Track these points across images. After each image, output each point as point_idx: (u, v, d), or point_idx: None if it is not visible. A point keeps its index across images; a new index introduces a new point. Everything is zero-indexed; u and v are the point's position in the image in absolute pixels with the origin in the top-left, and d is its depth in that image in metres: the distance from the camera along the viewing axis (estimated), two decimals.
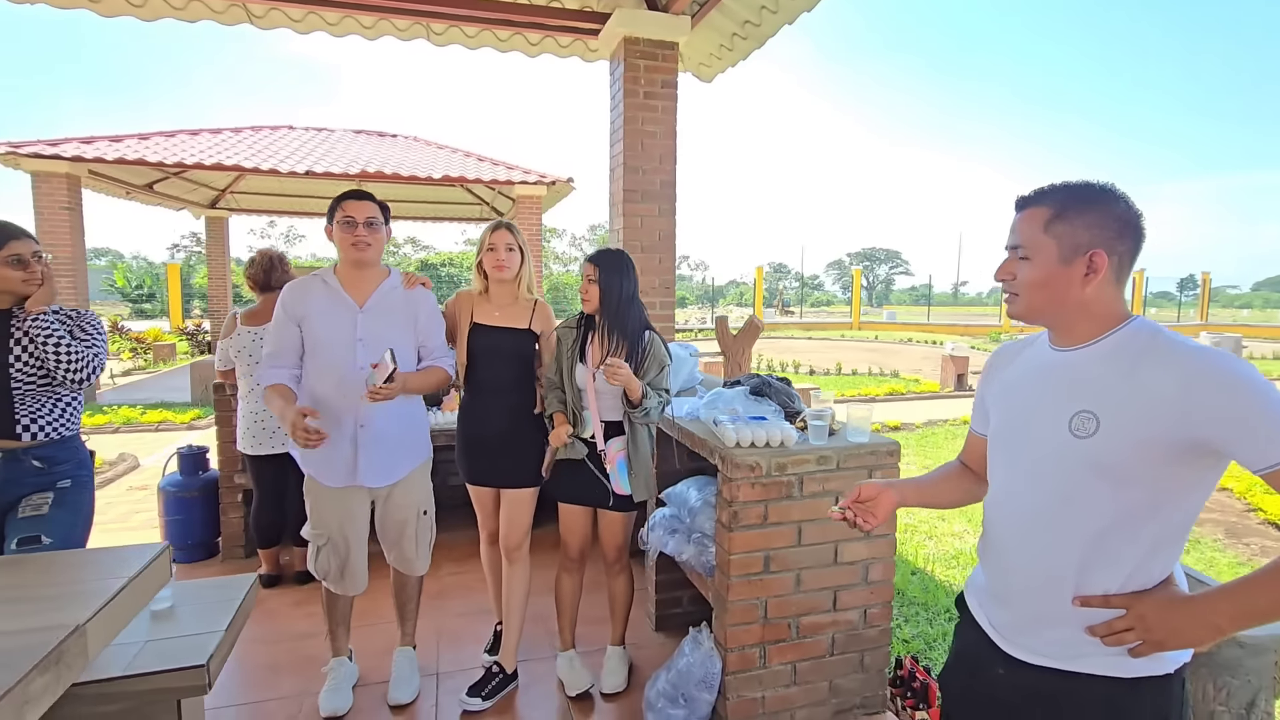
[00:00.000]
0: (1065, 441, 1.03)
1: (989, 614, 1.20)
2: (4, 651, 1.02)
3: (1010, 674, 1.14)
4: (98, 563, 1.36)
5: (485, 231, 2.32)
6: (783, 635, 2.11)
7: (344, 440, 2.12)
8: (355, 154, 9.29)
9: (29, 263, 1.87)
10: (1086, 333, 1.06)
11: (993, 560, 1.19)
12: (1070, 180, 1.07)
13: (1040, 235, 1.06)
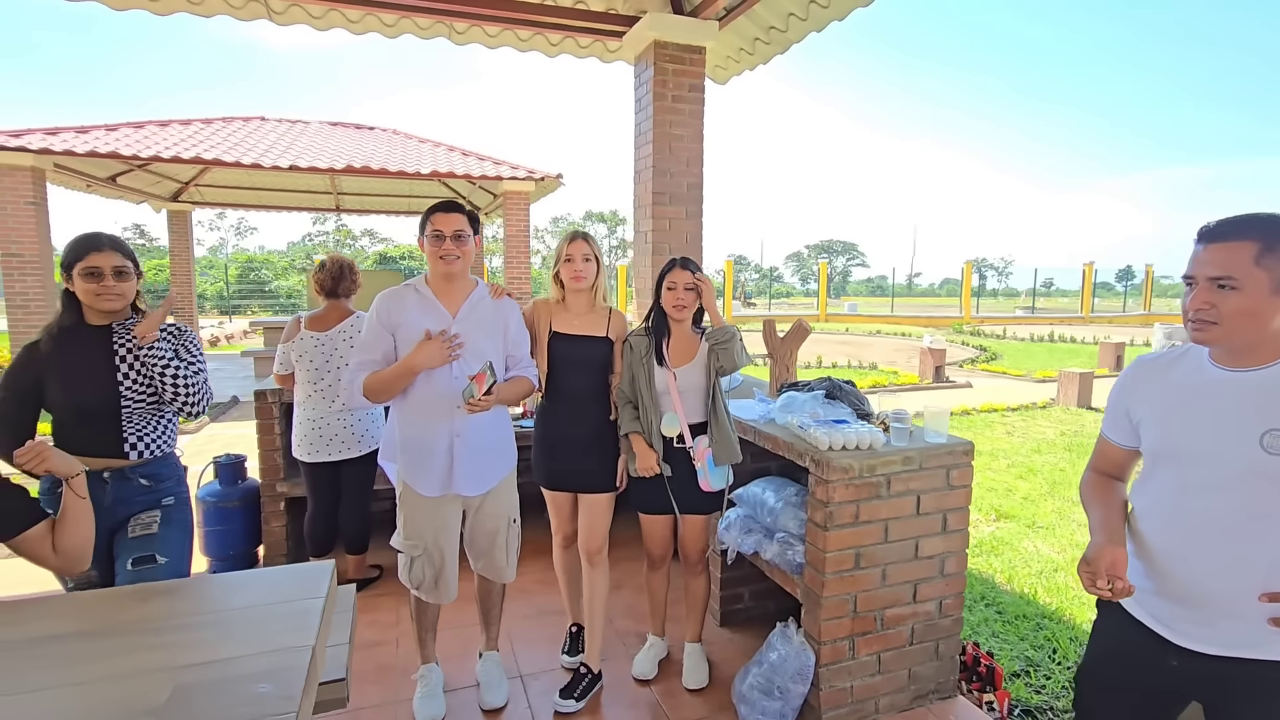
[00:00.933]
0: (1256, 458, 1.15)
1: (1155, 611, 1.31)
2: (270, 671, 1.04)
3: (1184, 664, 1.26)
4: (284, 584, 1.37)
5: (562, 242, 2.35)
6: (869, 628, 2.22)
7: (440, 450, 2.13)
8: (333, 147, 9.07)
9: (104, 276, 1.80)
10: (1267, 356, 1.18)
11: (1164, 564, 1.29)
12: (1259, 213, 1.17)
13: (1252, 268, 1.14)
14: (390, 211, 13.60)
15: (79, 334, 1.83)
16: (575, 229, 2.38)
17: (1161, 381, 1.34)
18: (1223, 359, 1.24)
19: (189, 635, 1.16)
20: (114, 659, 1.09)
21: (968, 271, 24.47)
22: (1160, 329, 12.41)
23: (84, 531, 1.50)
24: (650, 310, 2.39)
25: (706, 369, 2.29)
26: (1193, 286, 1.22)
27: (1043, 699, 2.51)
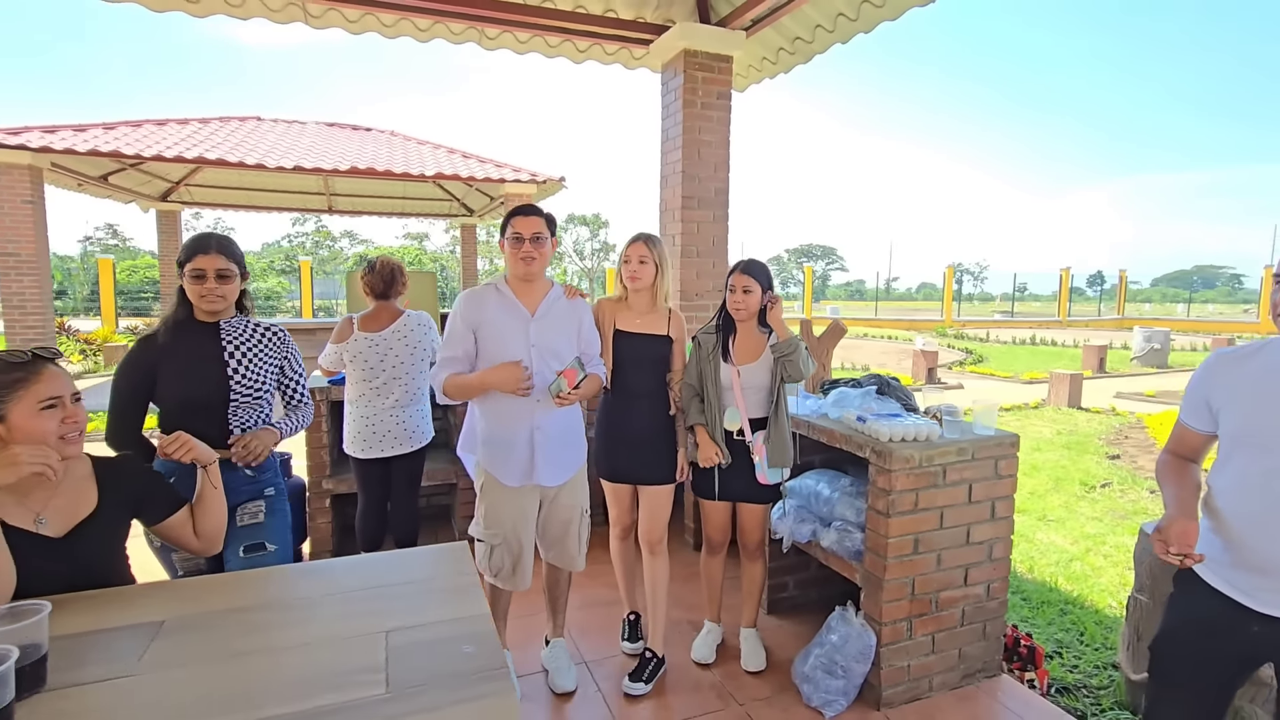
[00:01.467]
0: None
1: (1235, 582, 1.44)
2: (468, 635, 1.14)
3: (1265, 629, 1.40)
4: (434, 562, 1.46)
5: (623, 243, 2.46)
6: (925, 609, 2.35)
7: (521, 442, 2.22)
8: (330, 148, 9.05)
9: (207, 279, 1.86)
10: None
11: (1247, 538, 1.42)
12: None
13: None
14: (383, 213, 13.55)
15: (191, 329, 1.90)
16: (640, 232, 2.48)
17: (1241, 371, 1.47)
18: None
19: (380, 604, 1.25)
20: (327, 624, 1.17)
21: (949, 276, 24.99)
22: (1140, 331, 12.85)
23: (220, 515, 1.57)
24: (720, 310, 2.50)
25: (771, 370, 2.40)
26: None
27: (1077, 678, 2.66)
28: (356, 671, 1.04)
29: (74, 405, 1.36)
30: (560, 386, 2.09)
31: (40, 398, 1.30)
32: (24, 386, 1.30)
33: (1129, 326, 23.10)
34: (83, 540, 1.37)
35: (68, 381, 1.37)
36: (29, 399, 1.29)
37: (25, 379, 1.31)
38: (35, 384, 1.31)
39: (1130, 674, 2.45)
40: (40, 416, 1.30)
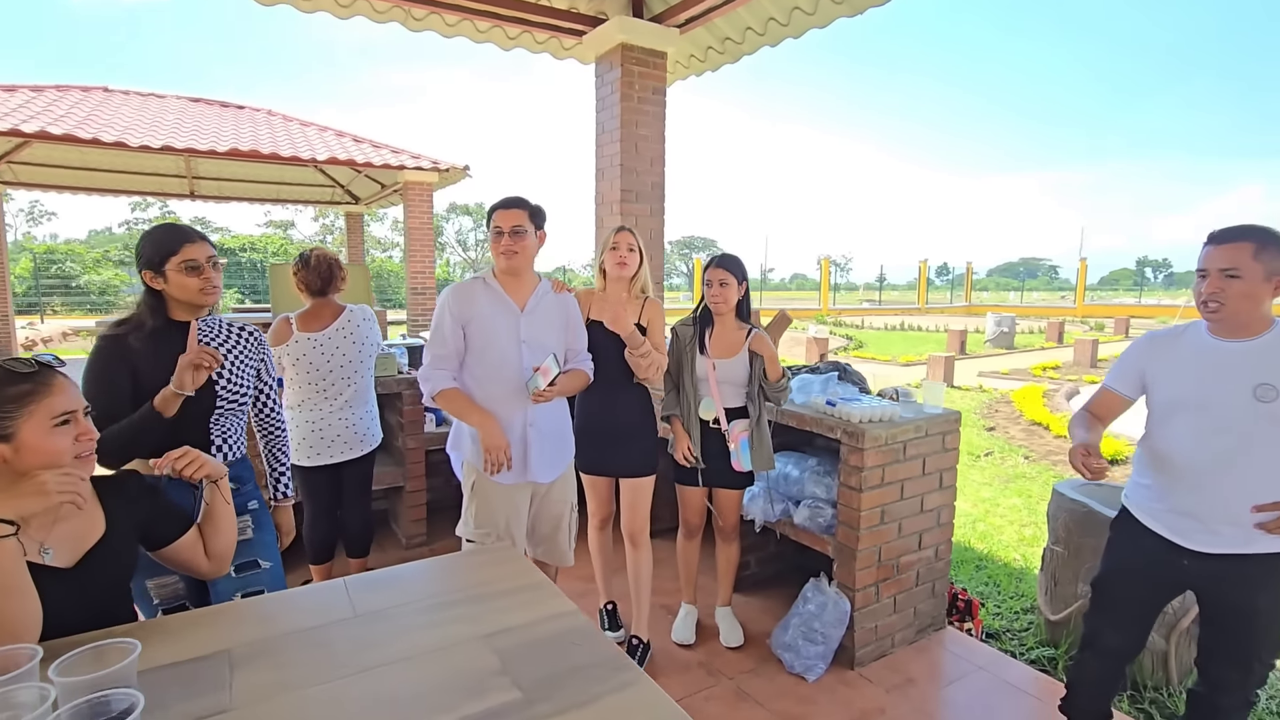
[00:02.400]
0: (1252, 406, 1.57)
1: (1170, 525, 1.73)
2: (571, 630, 1.15)
3: (1194, 564, 1.69)
4: (498, 564, 1.43)
5: (609, 233, 2.48)
6: (889, 574, 2.58)
7: (514, 439, 2.19)
8: (199, 127, 8.16)
9: (204, 268, 1.71)
10: (1254, 330, 1.61)
11: (1181, 488, 1.70)
12: (1253, 224, 1.59)
13: (1250, 262, 1.56)
14: (256, 199, 12.45)
15: (169, 332, 1.70)
16: (622, 225, 2.50)
17: (1173, 349, 1.76)
18: (1220, 333, 1.67)
19: (459, 611, 1.21)
20: (418, 636, 1.13)
21: (825, 266, 26.73)
22: (991, 317, 14.47)
23: (232, 533, 1.45)
24: (700, 302, 2.58)
25: (746, 365, 2.51)
26: (1205, 277, 1.63)
27: (1002, 624, 3.03)
28: (483, 677, 1.02)
29: (85, 420, 1.20)
30: (537, 383, 2.08)
31: (54, 413, 1.14)
32: (35, 400, 1.13)
33: (978, 313, 25.85)
34: (94, 569, 1.21)
35: (78, 393, 1.20)
36: (41, 414, 1.13)
37: (35, 391, 1.14)
38: (47, 397, 1.14)
39: (1049, 615, 2.82)
40: (54, 434, 1.14)
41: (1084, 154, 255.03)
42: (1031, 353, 13.19)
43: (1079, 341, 11.30)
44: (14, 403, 1.12)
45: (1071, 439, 1.87)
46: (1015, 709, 2.33)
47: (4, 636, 1.01)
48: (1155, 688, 2.46)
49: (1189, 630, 2.41)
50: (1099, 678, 1.95)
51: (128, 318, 1.71)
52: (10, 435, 1.11)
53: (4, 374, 1.14)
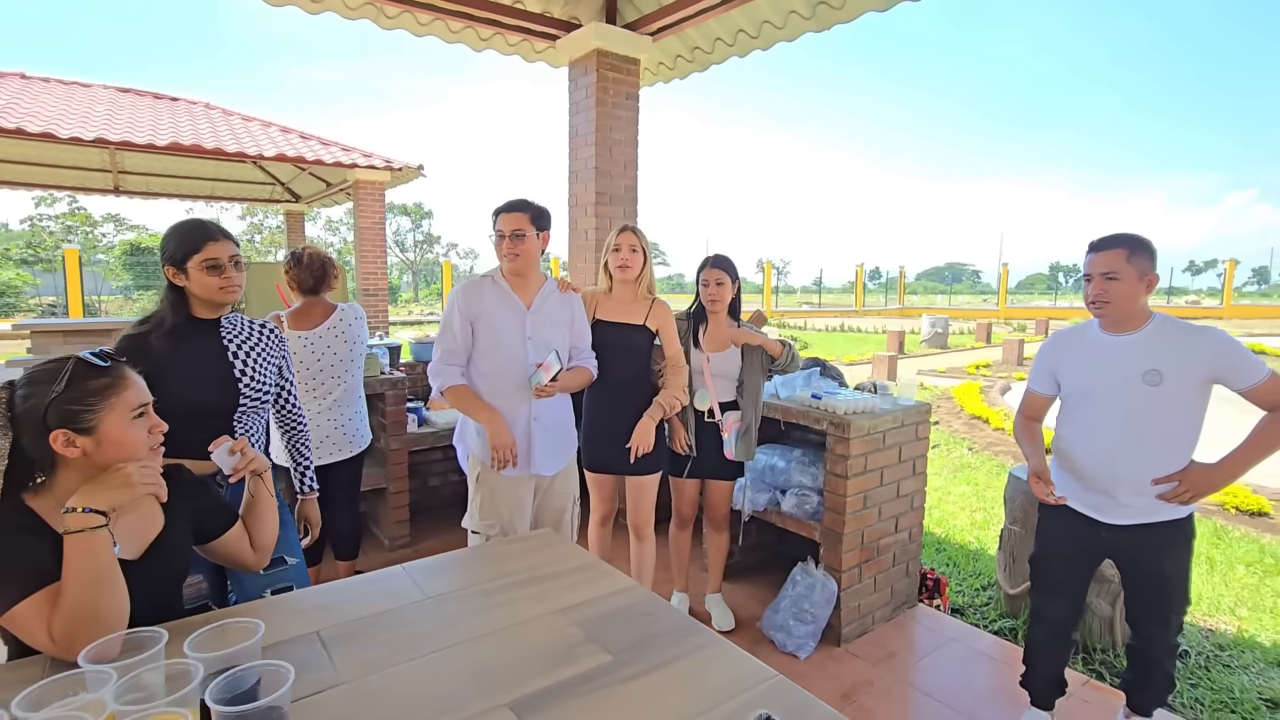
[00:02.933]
0: (1142, 390, 1.81)
1: (1087, 502, 1.96)
2: (639, 603, 1.24)
3: (1110, 535, 1.94)
4: (547, 547, 1.50)
5: (612, 234, 2.56)
6: (870, 556, 2.76)
7: (519, 432, 2.25)
8: (130, 119, 7.73)
9: (225, 267, 1.71)
10: (1135, 324, 1.85)
11: (1092, 469, 1.92)
12: (1125, 232, 1.83)
13: (1124, 265, 1.80)
14: (189, 196, 11.87)
15: (190, 329, 1.68)
16: (626, 224, 2.57)
17: (1074, 347, 1.99)
18: (1110, 329, 1.90)
19: (528, 590, 1.28)
20: (496, 614, 1.19)
21: (768, 270, 27.43)
22: (927, 318, 15.23)
23: (275, 525, 1.47)
24: (694, 300, 2.69)
25: (740, 361, 2.64)
26: (1090, 281, 1.86)
27: (965, 599, 3.27)
28: (571, 645, 1.09)
29: (154, 414, 1.21)
30: (539, 379, 2.16)
31: (132, 405, 1.14)
32: (115, 393, 1.13)
33: (910, 315, 27.05)
34: (156, 562, 1.22)
35: (145, 387, 1.21)
36: (121, 407, 1.13)
37: (114, 385, 1.14)
38: (125, 390, 1.15)
39: (1008, 590, 3.07)
40: (132, 427, 1.14)
41: (1000, 166, 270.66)
42: (964, 352, 13.96)
43: (1007, 341, 12.05)
44: (96, 396, 1.12)
45: (1023, 450, 2.12)
46: (986, 674, 2.54)
47: (99, 627, 1.02)
48: (1103, 650, 2.73)
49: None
50: (1050, 646, 2.17)
51: (149, 315, 1.70)
52: (93, 428, 1.11)
53: (84, 367, 1.14)
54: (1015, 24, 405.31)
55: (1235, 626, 3.01)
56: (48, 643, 1.02)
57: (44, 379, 1.13)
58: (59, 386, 1.12)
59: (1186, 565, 1.94)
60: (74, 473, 1.14)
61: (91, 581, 1.04)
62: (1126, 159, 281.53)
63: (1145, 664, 2.06)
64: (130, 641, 0.93)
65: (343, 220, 47.90)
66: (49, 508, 1.13)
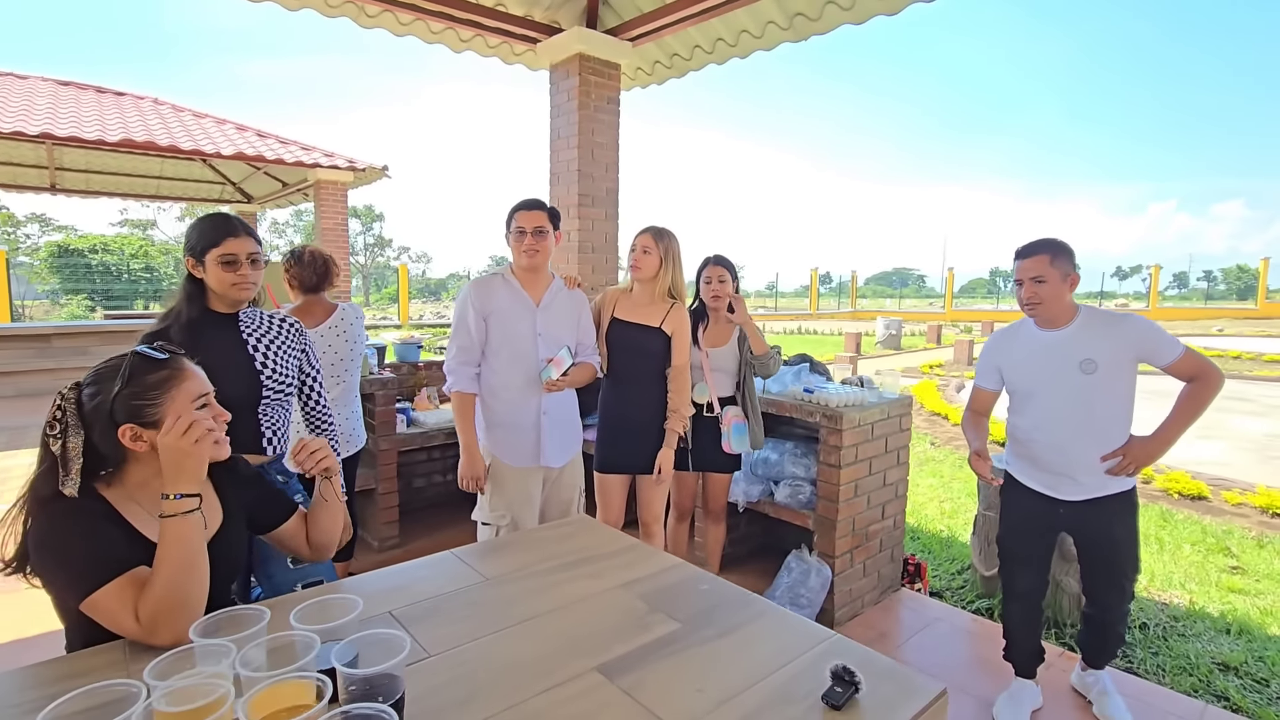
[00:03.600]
0: (1080, 379, 1.99)
1: (1044, 483, 2.14)
2: (695, 576, 1.31)
3: (1067, 510, 2.12)
4: (589, 531, 1.55)
5: (638, 234, 2.59)
6: (860, 542, 2.89)
7: (529, 424, 2.30)
8: (76, 113, 7.40)
9: (240, 264, 1.70)
10: (1065, 319, 2.04)
11: (1046, 453, 2.10)
12: (1046, 238, 2.03)
13: (1049, 268, 1.99)
14: (132, 195, 11.39)
15: (209, 323, 1.67)
16: (651, 225, 2.60)
17: (1014, 344, 2.17)
18: (1044, 325, 2.09)
19: (584, 569, 1.33)
20: (558, 591, 1.24)
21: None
22: (881, 321, 15.76)
23: (338, 524, 1.47)
24: (694, 297, 2.77)
25: (735, 355, 2.73)
26: (1021, 285, 2.04)
27: (942, 583, 3.44)
28: (640, 616, 1.15)
29: (217, 404, 1.22)
30: (550, 373, 2.22)
31: (192, 396, 1.15)
32: (175, 384, 1.14)
33: (862, 318, 27.84)
34: (219, 553, 1.22)
35: (205, 378, 1.21)
36: (182, 398, 1.14)
37: (173, 377, 1.15)
38: (185, 381, 1.15)
39: (984, 572, 3.24)
40: (196, 417, 1.15)
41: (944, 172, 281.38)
42: (917, 353, 14.49)
43: (959, 342, 12.57)
44: (156, 389, 1.13)
45: (966, 437, 2.30)
46: (971, 649, 2.70)
47: (186, 611, 1.03)
48: (1073, 625, 2.92)
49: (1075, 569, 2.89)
50: (1025, 618, 2.33)
51: (167, 310, 1.68)
52: (157, 422, 1.12)
53: (144, 360, 1.15)
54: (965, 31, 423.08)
55: (1186, 600, 3.26)
56: (133, 626, 1.02)
57: (108, 375, 1.14)
58: (120, 382, 1.13)
59: (1134, 531, 2.14)
60: (143, 466, 1.15)
61: (184, 564, 1.06)
62: (1063, 167, 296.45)
63: (1100, 628, 2.26)
64: (230, 620, 0.95)
65: (289, 222, 46.42)
66: (120, 497, 1.14)
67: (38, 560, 1.07)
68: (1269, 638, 2.89)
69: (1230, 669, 2.64)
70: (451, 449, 4.25)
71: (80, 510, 1.09)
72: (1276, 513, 4.32)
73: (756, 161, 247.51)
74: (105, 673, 0.96)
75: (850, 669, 0.95)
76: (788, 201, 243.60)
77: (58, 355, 8.46)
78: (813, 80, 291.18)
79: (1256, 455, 5.92)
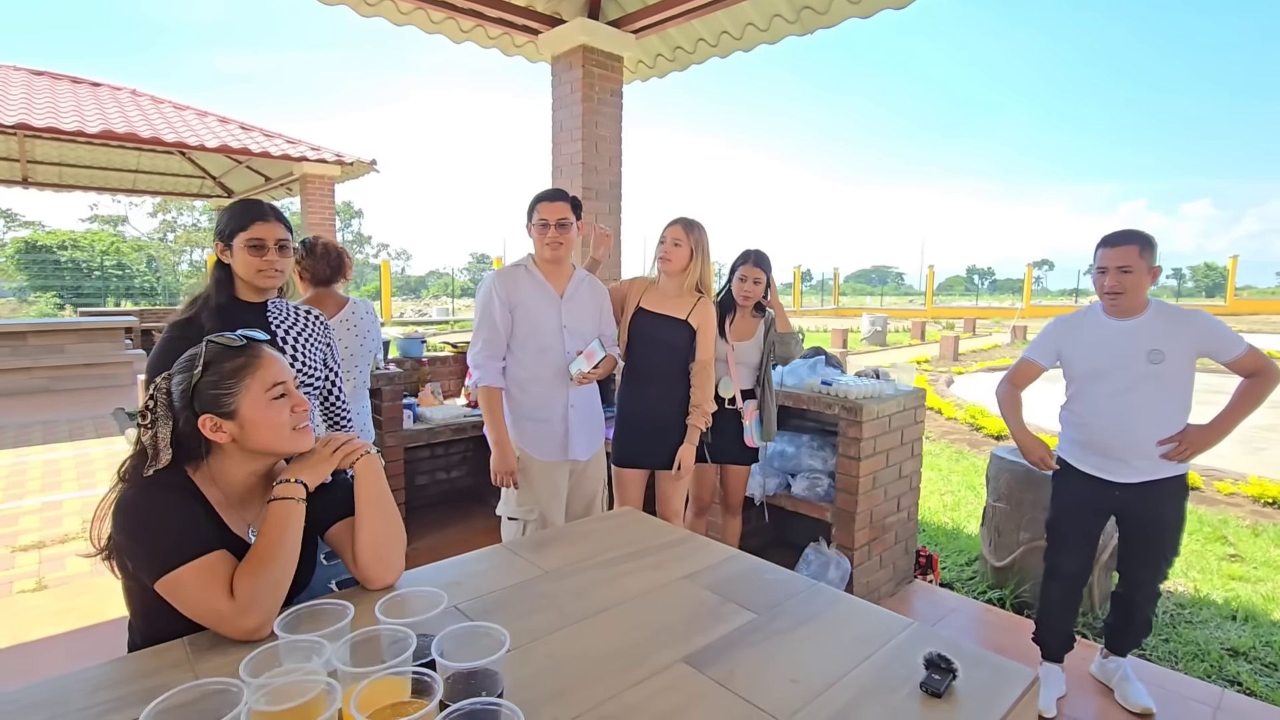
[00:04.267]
0: (1147, 367, 2.03)
1: (1099, 466, 2.17)
2: (760, 565, 1.28)
3: (1123, 492, 2.14)
4: (636, 524, 1.52)
5: (667, 225, 2.55)
6: (877, 534, 2.89)
7: (557, 418, 2.27)
8: (53, 104, 7.16)
9: (268, 249, 1.64)
10: (1139, 310, 2.07)
11: (1106, 436, 2.13)
12: (1133, 229, 2.05)
13: (1138, 259, 2.01)
14: (107, 189, 11.11)
15: (237, 310, 1.61)
16: (681, 216, 2.55)
17: (1080, 330, 2.20)
18: (1114, 314, 2.12)
19: (641, 562, 1.31)
20: (633, 578, 1.21)
21: (711, 271, 27.83)
22: (867, 318, 15.93)
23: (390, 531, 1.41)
24: (722, 290, 2.74)
25: (760, 349, 2.71)
26: (1105, 273, 2.06)
27: (952, 574, 3.46)
28: (713, 607, 1.12)
29: (298, 392, 1.17)
30: (580, 366, 2.19)
31: (267, 384, 1.10)
32: (250, 373, 1.10)
33: (845, 315, 28.08)
34: None
35: (285, 364, 1.16)
36: (257, 387, 1.09)
37: (249, 364, 1.10)
38: (260, 369, 1.11)
39: (995, 563, 3.27)
40: (272, 406, 1.10)
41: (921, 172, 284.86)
42: (902, 349, 14.64)
43: (945, 338, 12.71)
44: (232, 378, 1.09)
45: (1008, 422, 2.33)
46: (989, 638, 2.71)
47: (276, 595, 1.03)
48: (1084, 612, 2.95)
49: (1106, 564, 2.92)
50: (1063, 601, 2.35)
51: (194, 297, 1.63)
52: (233, 411, 1.09)
53: (218, 349, 1.11)
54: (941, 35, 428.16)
55: (1191, 587, 3.31)
56: (224, 603, 0.99)
57: (188, 365, 1.11)
58: (197, 371, 1.09)
59: (1183, 514, 2.18)
60: (226, 455, 1.12)
61: (285, 549, 1.05)
62: (1036, 168, 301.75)
63: (1128, 608, 2.29)
64: (310, 614, 0.91)
65: None
66: (206, 483, 1.12)
67: (123, 537, 1.03)
68: (1273, 623, 2.95)
69: (1240, 654, 2.69)
70: (456, 445, 4.19)
71: (171, 487, 1.07)
72: (1268, 502, 4.42)
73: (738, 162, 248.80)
74: (171, 673, 0.92)
75: (946, 656, 0.93)
76: (769, 200, 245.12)
77: (33, 354, 8.22)
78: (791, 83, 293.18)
79: (1243, 447, 6.06)
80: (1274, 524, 4.15)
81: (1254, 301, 27.94)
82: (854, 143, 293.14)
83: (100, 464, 5.11)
